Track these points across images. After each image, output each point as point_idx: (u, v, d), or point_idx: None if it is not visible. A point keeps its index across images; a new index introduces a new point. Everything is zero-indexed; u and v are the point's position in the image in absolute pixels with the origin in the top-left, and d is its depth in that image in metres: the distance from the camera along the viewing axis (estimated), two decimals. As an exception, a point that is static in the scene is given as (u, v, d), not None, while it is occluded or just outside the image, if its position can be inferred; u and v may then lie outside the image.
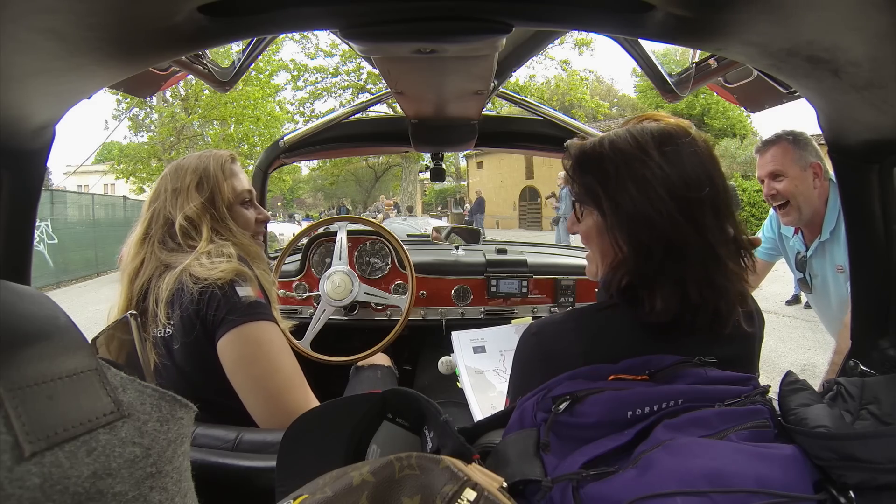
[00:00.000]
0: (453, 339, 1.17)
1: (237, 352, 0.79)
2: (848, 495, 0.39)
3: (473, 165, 23.61)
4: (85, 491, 0.27)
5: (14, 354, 0.27)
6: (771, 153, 1.36)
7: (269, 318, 0.83)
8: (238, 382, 0.80)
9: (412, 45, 0.63)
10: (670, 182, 0.54)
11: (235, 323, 0.78)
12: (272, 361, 0.81)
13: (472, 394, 1.00)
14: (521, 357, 0.63)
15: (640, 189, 0.55)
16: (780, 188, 1.33)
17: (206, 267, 0.80)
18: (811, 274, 1.42)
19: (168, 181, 0.91)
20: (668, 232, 0.54)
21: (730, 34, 0.53)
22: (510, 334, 1.19)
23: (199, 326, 0.79)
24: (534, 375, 0.59)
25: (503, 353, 1.13)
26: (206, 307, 0.78)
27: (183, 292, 0.79)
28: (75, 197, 9.95)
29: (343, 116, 1.50)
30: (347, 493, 0.33)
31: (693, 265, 0.54)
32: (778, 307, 5.02)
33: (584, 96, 11.73)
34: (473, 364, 1.10)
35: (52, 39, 0.45)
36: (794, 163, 1.32)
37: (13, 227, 0.64)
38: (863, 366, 0.58)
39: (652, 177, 0.55)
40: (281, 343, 0.84)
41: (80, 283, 8.54)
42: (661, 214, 0.54)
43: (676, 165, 0.55)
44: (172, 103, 12.08)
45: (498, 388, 1.03)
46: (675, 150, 0.56)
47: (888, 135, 0.57)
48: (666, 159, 0.55)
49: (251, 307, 0.81)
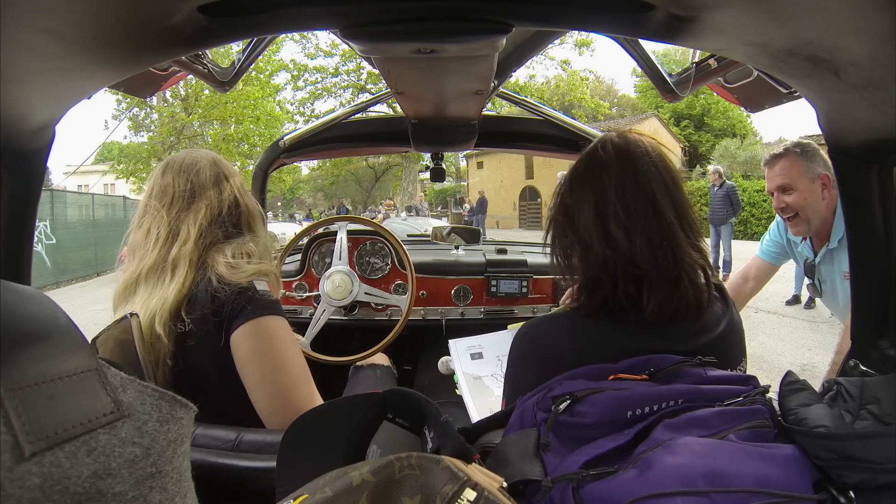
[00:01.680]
0: (451, 347, 1.17)
1: (251, 343, 0.79)
2: (848, 495, 0.39)
3: (473, 165, 23.62)
4: (85, 491, 0.27)
5: (14, 354, 0.27)
6: (780, 166, 1.36)
7: (283, 314, 0.84)
8: (248, 375, 0.80)
9: (412, 45, 0.63)
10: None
11: (252, 315, 0.79)
12: (282, 357, 0.81)
13: (471, 399, 1.01)
14: (514, 356, 0.65)
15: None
16: (789, 201, 1.34)
17: (233, 269, 0.80)
18: (820, 279, 1.43)
19: (205, 174, 0.88)
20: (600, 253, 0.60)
21: (730, 34, 0.53)
22: (507, 339, 1.19)
23: (213, 319, 0.79)
24: (527, 374, 0.61)
25: (500, 358, 1.14)
26: (223, 303, 0.79)
27: (206, 290, 0.79)
28: (75, 197, 9.95)
29: (343, 116, 1.50)
30: (347, 493, 0.33)
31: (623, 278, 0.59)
32: (778, 307, 5.02)
33: (584, 96, 11.74)
34: (471, 370, 1.10)
35: (52, 39, 0.45)
36: (803, 175, 1.32)
37: (13, 227, 0.64)
38: (863, 366, 0.58)
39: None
40: (293, 340, 0.84)
41: (80, 282, 8.54)
42: None
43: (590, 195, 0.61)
44: (172, 103, 12.08)
45: (496, 393, 1.03)
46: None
47: (888, 135, 0.57)
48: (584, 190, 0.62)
49: (268, 302, 0.81)
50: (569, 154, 1.52)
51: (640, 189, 0.59)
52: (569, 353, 0.58)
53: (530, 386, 0.56)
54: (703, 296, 0.60)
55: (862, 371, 0.55)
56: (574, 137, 1.43)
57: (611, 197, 0.59)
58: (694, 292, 0.59)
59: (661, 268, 0.58)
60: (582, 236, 0.62)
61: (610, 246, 0.59)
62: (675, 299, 0.58)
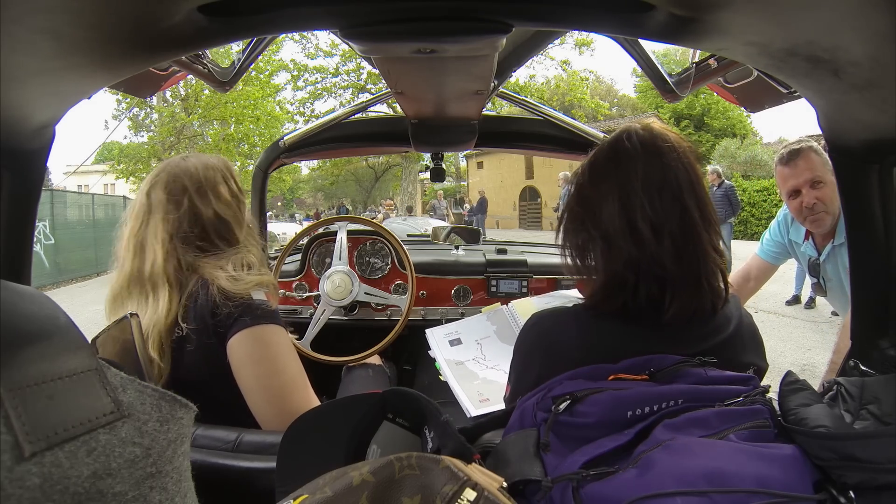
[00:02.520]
0: (428, 335, 1.17)
1: (246, 350, 0.80)
2: (848, 495, 0.39)
3: (473, 165, 23.61)
4: (85, 491, 0.27)
5: (14, 354, 0.27)
6: (804, 162, 1.31)
7: (281, 323, 0.85)
8: (243, 380, 0.81)
9: (412, 45, 0.63)
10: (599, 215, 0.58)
11: (248, 324, 0.80)
12: (278, 362, 0.82)
13: (457, 384, 1.00)
14: (521, 347, 0.64)
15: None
16: (820, 196, 1.28)
17: (234, 281, 0.81)
18: (825, 278, 1.41)
19: (190, 179, 0.87)
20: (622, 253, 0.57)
21: (730, 34, 0.53)
22: (482, 322, 1.19)
23: (213, 327, 0.80)
24: (533, 365, 0.60)
25: (479, 342, 1.13)
26: (222, 310, 0.79)
27: (206, 299, 0.80)
28: (75, 197, 9.96)
29: (343, 116, 1.50)
30: (347, 493, 0.33)
31: (645, 275, 0.56)
32: (778, 307, 5.02)
33: (584, 96, 11.73)
34: (452, 356, 1.09)
35: (52, 39, 0.45)
36: (826, 169, 1.28)
37: (13, 227, 0.64)
38: (863, 366, 0.58)
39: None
40: (289, 347, 0.85)
41: (80, 282, 8.53)
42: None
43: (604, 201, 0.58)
44: (172, 103, 12.07)
45: (481, 376, 1.02)
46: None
47: (888, 135, 0.57)
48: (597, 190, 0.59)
49: (265, 311, 0.82)
50: (568, 154, 1.52)
51: (667, 185, 0.56)
52: (575, 350, 0.57)
53: (535, 378, 0.56)
54: (720, 300, 0.58)
55: (862, 371, 0.55)
56: (574, 137, 1.43)
57: (637, 191, 0.56)
58: (711, 296, 0.57)
59: (685, 270, 0.55)
60: (605, 231, 0.58)
61: (636, 243, 0.56)
62: (694, 302, 0.56)
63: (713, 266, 0.58)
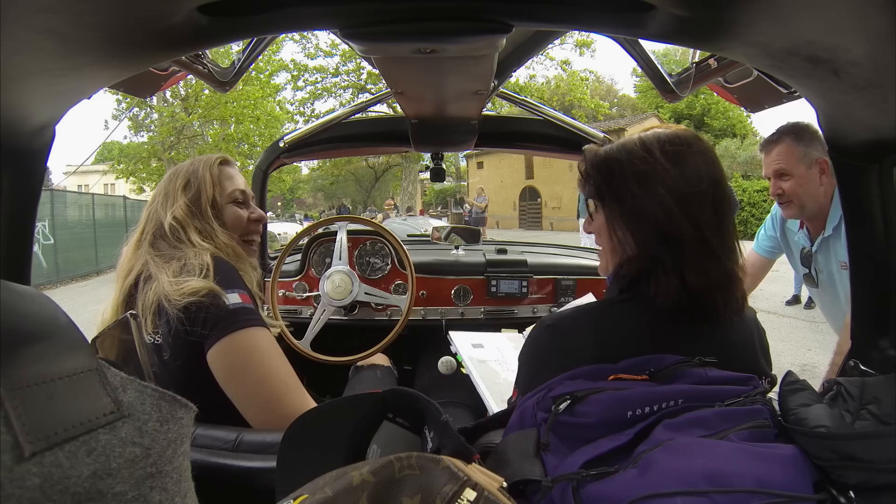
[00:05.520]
0: (452, 337, 1.19)
1: (227, 361, 0.77)
2: (848, 495, 0.39)
3: (473, 165, 23.62)
4: (85, 491, 0.27)
5: (14, 354, 0.27)
6: (776, 151, 1.33)
7: (258, 323, 0.81)
8: (232, 392, 0.78)
9: (412, 45, 0.63)
10: (670, 178, 0.58)
11: (223, 333, 0.77)
12: (263, 367, 0.79)
13: (482, 381, 1.01)
14: (534, 349, 0.63)
15: (640, 184, 0.59)
16: (785, 188, 1.31)
17: (174, 285, 0.78)
18: (817, 269, 1.40)
19: (162, 185, 0.94)
20: (665, 224, 0.57)
21: (730, 34, 0.53)
22: (502, 338, 1.23)
23: (187, 340, 0.77)
24: (547, 367, 0.59)
25: (500, 349, 1.16)
26: (193, 322, 0.76)
27: (168, 309, 0.77)
28: (75, 197, 9.96)
29: (343, 116, 1.50)
30: (347, 493, 0.33)
31: (689, 255, 0.57)
32: (778, 307, 5.01)
33: (585, 96, 11.73)
34: (475, 356, 1.12)
35: (52, 39, 0.45)
36: (799, 161, 1.29)
37: (13, 227, 0.64)
38: (863, 366, 0.58)
39: (652, 173, 0.58)
40: (271, 347, 0.82)
41: (80, 282, 8.54)
42: (660, 208, 0.57)
43: (677, 164, 0.59)
44: (172, 103, 12.07)
45: (503, 376, 1.04)
46: (678, 151, 0.59)
47: (888, 135, 0.57)
48: (668, 158, 0.59)
49: (238, 314, 0.79)
50: (569, 154, 1.52)
51: (701, 180, 0.59)
52: (590, 347, 0.57)
53: (548, 379, 0.56)
54: (739, 302, 0.60)
55: (862, 371, 0.55)
56: (574, 137, 1.44)
57: (680, 181, 0.58)
58: (737, 297, 0.60)
59: (719, 260, 0.58)
60: (650, 207, 0.58)
61: (678, 225, 0.57)
62: (717, 295, 0.58)
63: (735, 264, 0.60)
